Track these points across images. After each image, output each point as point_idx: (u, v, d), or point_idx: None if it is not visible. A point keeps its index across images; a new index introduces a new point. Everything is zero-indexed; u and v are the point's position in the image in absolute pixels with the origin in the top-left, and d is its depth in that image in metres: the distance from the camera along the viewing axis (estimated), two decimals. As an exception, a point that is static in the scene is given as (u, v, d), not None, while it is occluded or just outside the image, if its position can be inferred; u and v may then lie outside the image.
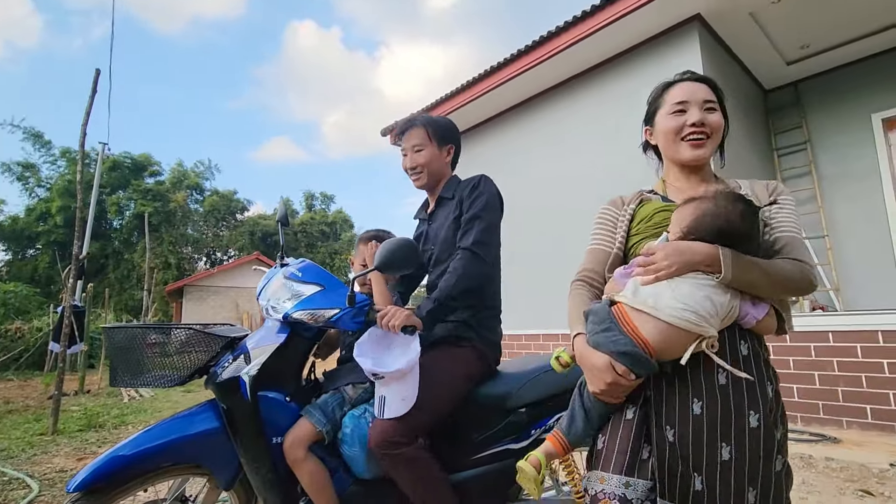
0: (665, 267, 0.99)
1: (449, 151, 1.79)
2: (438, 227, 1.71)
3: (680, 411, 0.99)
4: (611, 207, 1.35)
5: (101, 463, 1.26)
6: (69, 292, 5.70)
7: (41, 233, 25.48)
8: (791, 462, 0.97)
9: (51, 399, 4.76)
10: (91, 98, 5.25)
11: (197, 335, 1.47)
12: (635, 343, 0.97)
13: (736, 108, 5.50)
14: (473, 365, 1.53)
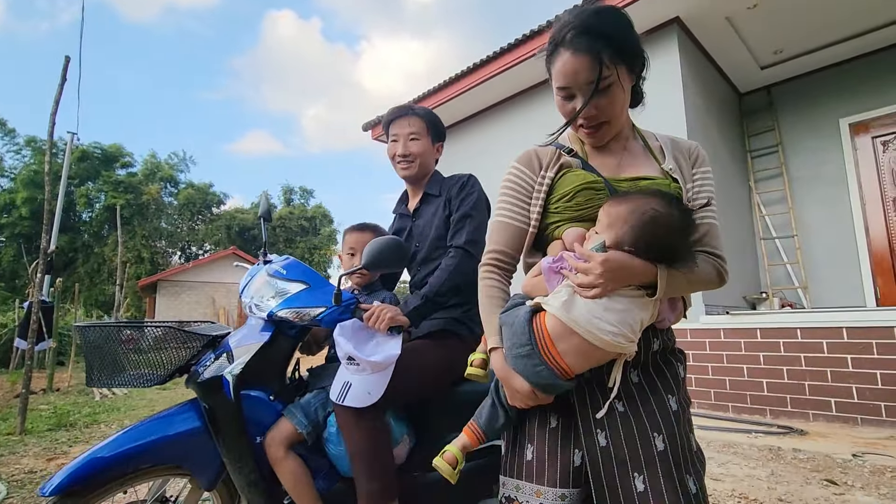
0: (602, 284, 0.88)
1: (439, 149, 1.81)
2: (425, 224, 1.71)
3: (607, 413, 0.97)
4: (524, 170, 1.14)
5: (78, 465, 1.23)
6: (37, 287, 5.49)
7: (5, 225, 24.47)
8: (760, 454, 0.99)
9: (17, 398, 4.60)
10: (60, 86, 5.05)
11: (177, 333, 1.44)
12: (558, 375, 0.91)
13: (711, 110, 5.64)
14: (459, 357, 1.53)
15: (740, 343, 4.44)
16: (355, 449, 1.31)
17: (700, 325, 4.69)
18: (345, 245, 1.75)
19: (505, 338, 1.00)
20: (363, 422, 1.31)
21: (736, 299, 5.36)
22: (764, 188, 6.14)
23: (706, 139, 5.32)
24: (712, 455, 3.32)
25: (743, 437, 3.76)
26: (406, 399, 1.44)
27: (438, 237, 1.65)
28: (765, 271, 5.96)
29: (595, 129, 1.08)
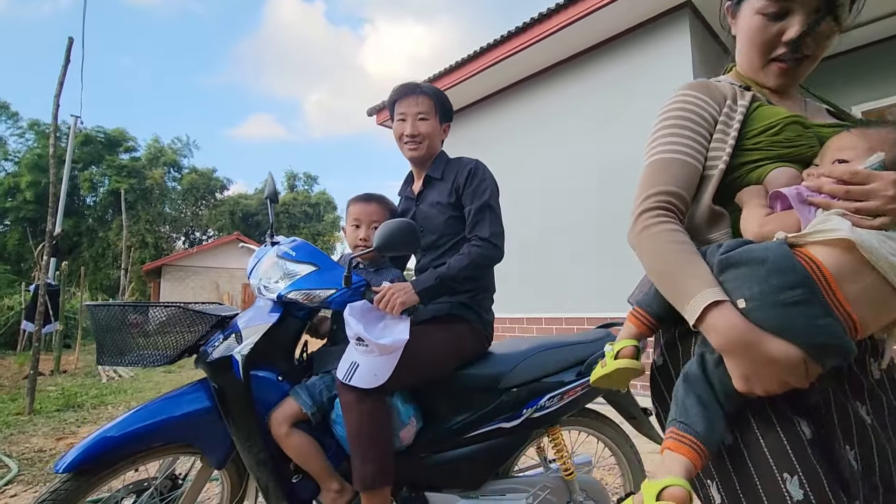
0: (894, 210, 0.64)
1: (446, 129, 1.75)
2: (429, 209, 1.66)
3: (855, 422, 0.69)
4: (705, 98, 0.88)
5: (89, 444, 1.23)
6: (43, 270, 5.52)
7: (9, 209, 24.55)
8: None
9: (26, 378, 4.65)
10: (64, 68, 5.01)
11: (186, 314, 1.43)
12: (847, 330, 0.63)
13: (722, 97, 5.54)
14: (466, 341, 1.53)
15: (745, 331, 4.44)
16: (354, 430, 1.31)
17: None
18: (349, 216, 1.69)
19: (739, 287, 0.68)
20: (364, 404, 1.30)
21: (742, 288, 5.34)
22: (773, 176, 6.08)
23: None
24: (715, 442, 3.33)
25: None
26: (411, 382, 1.43)
27: (444, 223, 1.62)
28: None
29: (797, 64, 0.86)
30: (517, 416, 1.48)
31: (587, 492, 1.57)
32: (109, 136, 26.91)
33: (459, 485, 1.49)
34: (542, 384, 1.50)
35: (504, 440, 1.50)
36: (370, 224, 1.64)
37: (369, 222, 1.64)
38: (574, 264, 5.81)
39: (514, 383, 1.48)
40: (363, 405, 1.30)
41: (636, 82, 5.48)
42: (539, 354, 1.54)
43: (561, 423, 1.60)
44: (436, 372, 1.47)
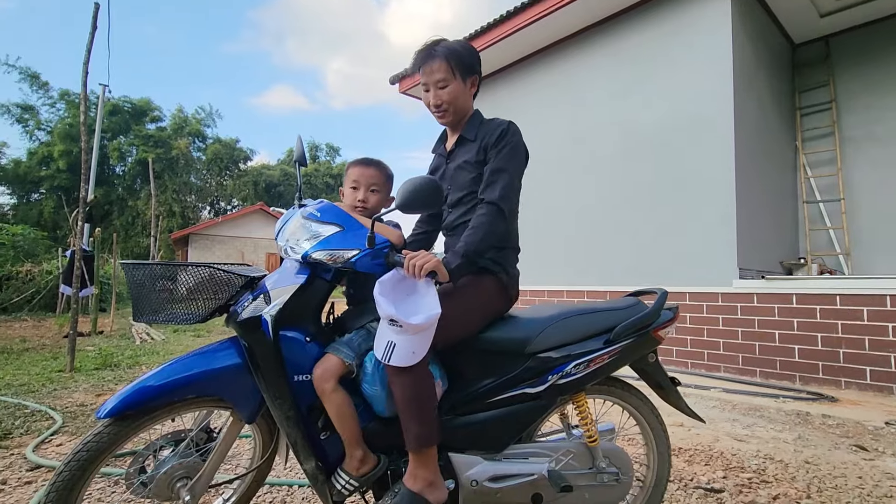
0: None
1: (473, 83, 1.67)
2: (458, 167, 1.65)
3: None
4: None
5: (129, 392, 1.29)
6: (77, 236, 5.71)
7: (44, 177, 25.35)
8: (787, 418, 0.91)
9: (66, 338, 4.88)
10: (91, 34, 5.04)
11: (217, 274, 1.46)
12: None
13: (761, 63, 5.27)
14: (495, 295, 1.54)
15: (774, 308, 4.32)
16: (405, 396, 1.34)
17: (733, 289, 4.57)
18: (347, 178, 1.69)
19: None
20: (410, 371, 1.33)
21: (772, 264, 5.19)
22: (812, 148, 5.80)
23: (752, 94, 5.00)
24: (737, 417, 3.30)
25: (770, 402, 3.72)
26: (441, 339, 1.44)
27: (470, 182, 1.61)
28: (805, 236, 5.71)
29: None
30: (542, 382, 1.47)
31: (610, 458, 1.57)
32: (136, 105, 27.28)
33: (482, 447, 1.50)
34: (569, 351, 1.49)
35: (528, 405, 1.50)
36: (369, 186, 1.66)
37: (368, 185, 1.66)
38: (596, 237, 5.71)
39: (540, 349, 1.48)
40: (410, 372, 1.33)
41: (667, 48, 5.22)
42: (567, 320, 1.52)
43: (586, 391, 1.60)
44: (465, 328, 1.48)
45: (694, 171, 4.94)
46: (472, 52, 1.66)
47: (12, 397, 3.47)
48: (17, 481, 2.09)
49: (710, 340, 4.72)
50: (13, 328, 8.86)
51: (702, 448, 2.67)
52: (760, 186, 5.10)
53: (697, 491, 2.11)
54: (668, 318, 1.61)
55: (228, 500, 1.62)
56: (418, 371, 1.34)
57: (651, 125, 5.30)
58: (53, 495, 1.22)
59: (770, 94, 5.43)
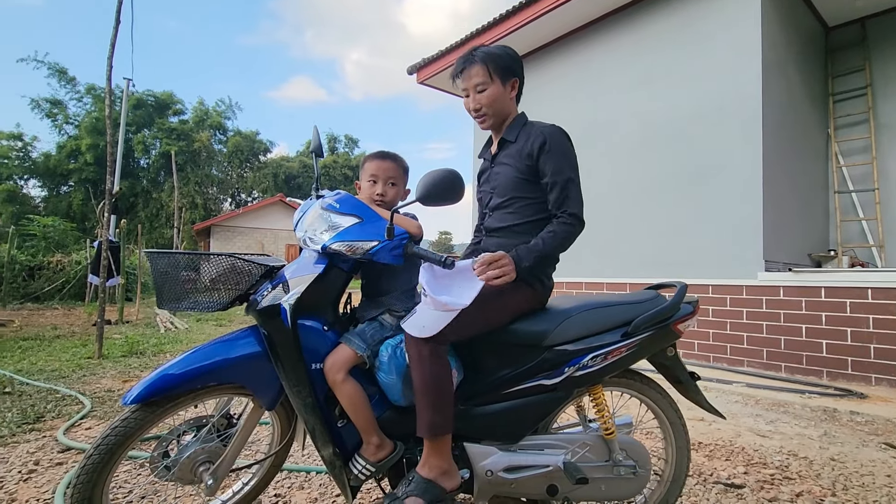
0: None
1: (513, 86, 1.65)
2: (502, 171, 1.64)
3: None
4: None
5: (153, 380, 1.32)
6: (104, 227, 5.87)
7: (73, 170, 26.09)
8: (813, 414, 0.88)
9: (94, 326, 5.04)
10: (115, 28, 5.13)
11: (238, 263, 1.48)
12: None
13: (792, 46, 5.07)
14: (526, 302, 1.53)
15: (801, 302, 4.20)
16: (424, 382, 1.34)
17: (758, 281, 4.45)
18: (365, 172, 1.69)
19: None
20: (434, 357, 1.34)
21: (799, 256, 5.03)
22: (845, 136, 5.58)
23: (782, 79, 4.83)
24: (760, 413, 3.23)
25: (795, 397, 3.63)
26: (468, 335, 1.44)
27: (512, 185, 1.59)
28: (835, 227, 5.52)
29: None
30: (558, 374, 1.46)
31: (627, 452, 1.55)
32: (159, 99, 27.80)
33: (498, 437, 1.50)
34: (586, 343, 1.47)
35: (544, 397, 1.49)
36: (387, 180, 1.66)
37: (386, 178, 1.66)
38: (615, 229, 5.63)
39: (557, 341, 1.46)
40: (433, 359, 1.34)
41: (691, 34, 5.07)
42: (585, 313, 1.50)
43: (603, 384, 1.58)
44: (489, 327, 1.48)
45: (718, 160, 4.81)
46: (510, 55, 1.64)
47: (45, 382, 3.61)
48: (49, 462, 2.17)
49: (734, 334, 4.62)
50: (45, 316, 9.20)
51: (722, 443, 2.62)
52: (789, 176, 4.94)
53: (717, 486, 2.08)
54: (688, 311, 1.57)
55: (248, 484, 1.66)
56: (437, 360, 1.35)
57: (673, 114, 5.17)
58: (84, 477, 1.27)
59: (801, 79, 5.24)
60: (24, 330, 6.98)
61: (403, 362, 1.42)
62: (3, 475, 2.02)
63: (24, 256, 13.05)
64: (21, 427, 2.63)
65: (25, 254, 13.47)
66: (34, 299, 11.92)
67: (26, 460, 2.18)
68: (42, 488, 1.91)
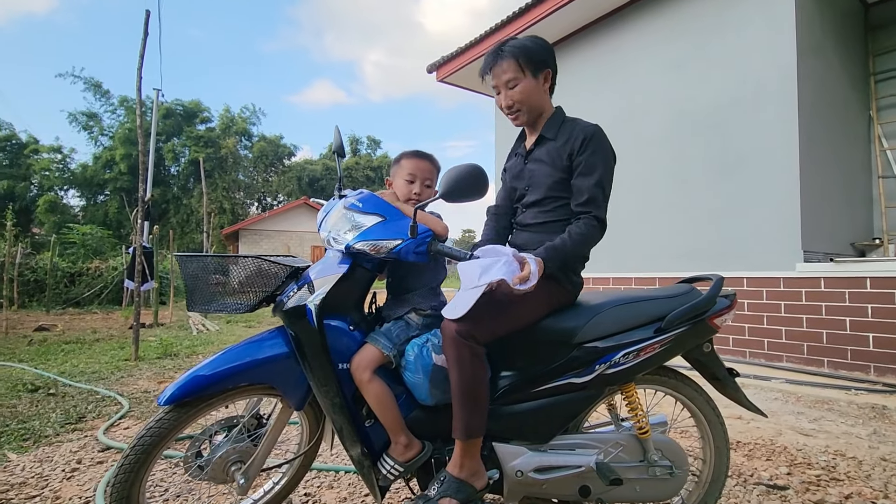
0: None
1: (546, 77, 1.59)
2: (538, 168, 1.59)
3: None
4: None
5: (184, 381, 1.34)
6: (138, 233, 6.07)
7: (108, 180, 27.16)
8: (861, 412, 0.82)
9: (131, 329, 5.22)
10: (143, 41, 5.29)
11: (264, 264, 1.49)
12: None
13: (828, 25, 4.84)
14: (557, 300, 1.50)
15: (844, 293, 4.01)
16: (462, 385, 1.33)
17: (796, 273, 4.27)
18: (402, 170, 1.66)
19: None
20: (474, 360, 1.32)
21: (841, 246, 4.80)
22: (888, 117, 5.29)
23: (819, 60, 4.61)
24: (802, 410, 3.09)
25: (840, 394, 3.46)
26: (501, 333, 1.42)
27: (551, 183, 1.55)
28: (880, 214, 5.24)
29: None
30: (589, 372, 1.42)
31: (663, 451, 1.50)
32: (186, 108, 28.64)
33: (527, 437, 1.47)
34: (617, 340, 1.43)
35: (574, 395, 1.45)
36: (424, 181, 1.65)
37: (423, 178, 1.65)
38: (644, 221, 5.49)
39: (587, 338, 1.42)
40: (467, 350, 1.32)
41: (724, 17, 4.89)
42: (615, 308, 1.45)
43: (636, 382, 1.53)
44: (524, 325, 1.46)
45: (752, 147, 4.63)
46: (542, 46, 1.59)
47: (86, 384, 3.75)
48: (91, 461, 2.25)
49: (771, 328, 4.44)
50: (85, 320, 9.60)
51: (763, 442, 2.52)
52: (828, 162, 4.72)
53: (759, 487, 1.99)
54: (725, 305, 1.51)
55: (278, 484, 1.67)
56: (476, 362, 1.33)
57: (705, 101, 5.00)
58: (122, 476, 1.30)
59: (839, 59, 4.99)
60: (66, 334, 7.29)
61: (429, 361, 1.40)
62: (48, 473, 2.10)
63: (66, 263, 13.66)
64: (64, 427, 2.74)
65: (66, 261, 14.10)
66: (75, 304, 12.45)
67: (69, 459, 2.26)
68: (84, 486, 1.98)
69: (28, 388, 3.56)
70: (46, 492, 1.93)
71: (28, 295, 12.27)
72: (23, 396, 3.37)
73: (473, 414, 1.33)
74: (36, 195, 26.52)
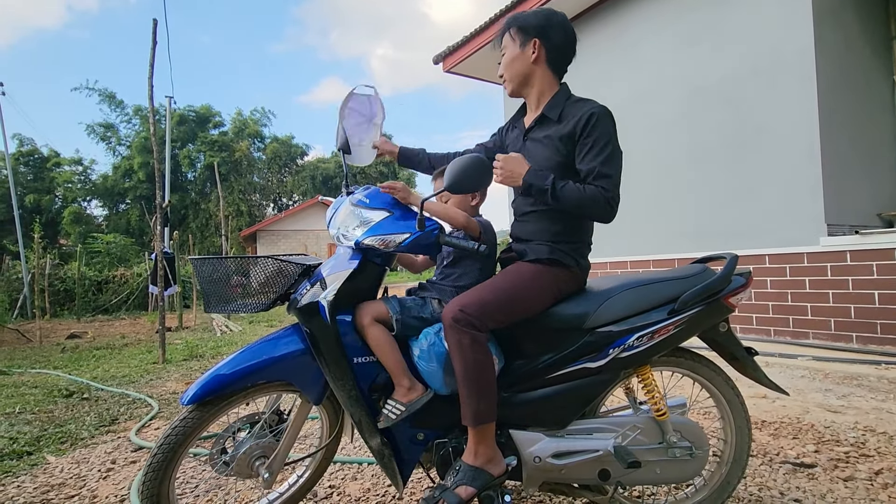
0: None
1: (535, 47, 1.51)
2: (536, 149, 1.53)
3: None
4: None
5: (206, 381, 1.38)
6: (158, 239, 6.21)
7: (128, 188, 27.78)
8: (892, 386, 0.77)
9: (157, 333, 5.37)
10: (153, 49, 5.37)
11: (276, 264, 1.52)
12: None
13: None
14: (565, 284, 1.49)
15: (871, 266, 3.89)
16: (465, 371, 1.34)
17: (820, 247, 4.16)
18: None
19: None
20: (474, 345, 1.33)
21: (868, 217, 4.65)
22: (911, 82, 5.07)
23: (837, 25, 4.43)
24: (830, 387, 3.03)
25: (870, 369, 3.37)
26: (509, 320, 1.42)
27: (550, 167, 1.47)
28: (907, 183, 5.06)
29: None
30: (603, 356, 1.41)
31: (682, 433, 1.49)
32: (199, 113, 29.04)
33: (544, 423, 1.48)
34: (631, 323, 1.42)
35: (589, 380, 1.45)
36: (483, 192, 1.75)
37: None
38: (659, 203, 5.40)
39: (600, 322, 1.41)
40: (474, 346, 1.33)
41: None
42: (627, 292, 1.44)
43: (652, 364, 1.52)
44: (532, 312, 1.45)
45: (771, 120, 4.50)
46: (534, 13, 1.55)
47: (117, 387, 3.88)
48: (124, 461, 2.33)
49: (796, 305, 4.34)
50: (114, 326, 9.90)
51: (789, 421, 2.48)
52: (850, 131, 4.55)
53: (785, 466, 1.96)
54: (740, 283, 1.48)
55: (302, 477, 1.71)
56: (477, 348, 1.34)
57: (720, 75, 4.87)
58: (151, 474, 1.35)
59: (859, 23, 4.79)
60: (96, 340, 7.53)
61: (444, 350, 1.41)
62: (85, 474, 2.19)
63: (92, 272, 14.07)
64: (98, 429, 2.84)
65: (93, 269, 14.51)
66: (104, 311, 12.85)
67: (104, 459, 2.35)
68: (119, 485, 2.06)
69: (63, 393, 3.69)
70: (84, 491, 2.01)
71: (59, 304, 12.70)
72: (58, 401, 3.51)
73: (480, 399, 1.34)
74: (60, 207, 27.31)
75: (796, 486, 1.80)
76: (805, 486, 1.79)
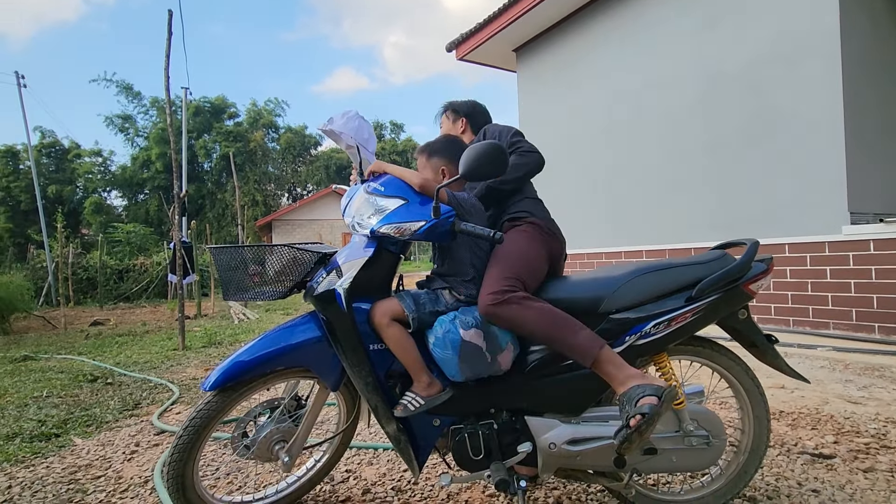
0: None
1: (463, 123, 2.07)
2: None
3: None
4: None
5: (226, 367, 1.42)
6: (176, 229, 6.32)
7: (147, 179, 28.21)
8: None
9: (177, 321, 5.49)
10: (168, 40, 5.42)
11: (292, 252, 1.53)
12: None
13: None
14: (539, 237, 1.62)
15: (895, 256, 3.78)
16: (541, 326, 1.38)
17: (843, 236, 4.05)
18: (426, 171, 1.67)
19: None
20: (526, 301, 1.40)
21: (892, 205, 4.52)
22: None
23: (865, 4, 4.27)
24: (850, 378, 2.97)
25: (892, 360, 3.30)
26: (526, 281, 1.47)
27: None
28: (935, 169, 4.89)
29: None
30: (619, 343, 1.41)
31: (698, 421, 1.48)
32: (214, 104, 29.25)
33: (559, 410, 1.48)
34: (647, 310, 1.40)
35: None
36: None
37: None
38: (678, 190, 5.30)
39: (615, 308, 1.40)
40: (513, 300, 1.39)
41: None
42: (643, 277, 1.42)
43: (669, 352, 1.50)
44: (531, 272, 1.50)
45: (792, 106, 4.37)
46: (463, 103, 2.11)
47: (139, 373, 3.99)
48: (147, 444, 2.41)
49: (816, 295, 4.25)
50: (135, 314, 10.14)
51: (807, 411, 2.45)
52: (876, 116, 4.41)
53: (803, 456, 1.94)
54: (761, 270, 1.45)
55: (320, 461, 1.75)
56: (528, 301, 1.39)
57: (739, 60, 4.74)
58: (176, 456, 1.39)
59: (886, 4, 4.61)
60: (118, 327, 7.73)
61: (458, 337, 1.40)
62: (111, 456, 2.26)
63: (113, 261, 14.40)
64: (122, 413, 2.93)
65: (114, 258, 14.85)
66: (125, 299, 13.16)
67: (128, 442, 2.42)
68: (143, 467, 2.12)
69: (88, 378, 3.81)
70: (110, 472, 2.08)
71: (82, 292, 13.04)
72: (84, 386, 3.62)
73: (575, 335, 1.35)
74: (82, 198, 27.89)
75: (814, 476, 1.79)
76: (823, 477, 1.78)
